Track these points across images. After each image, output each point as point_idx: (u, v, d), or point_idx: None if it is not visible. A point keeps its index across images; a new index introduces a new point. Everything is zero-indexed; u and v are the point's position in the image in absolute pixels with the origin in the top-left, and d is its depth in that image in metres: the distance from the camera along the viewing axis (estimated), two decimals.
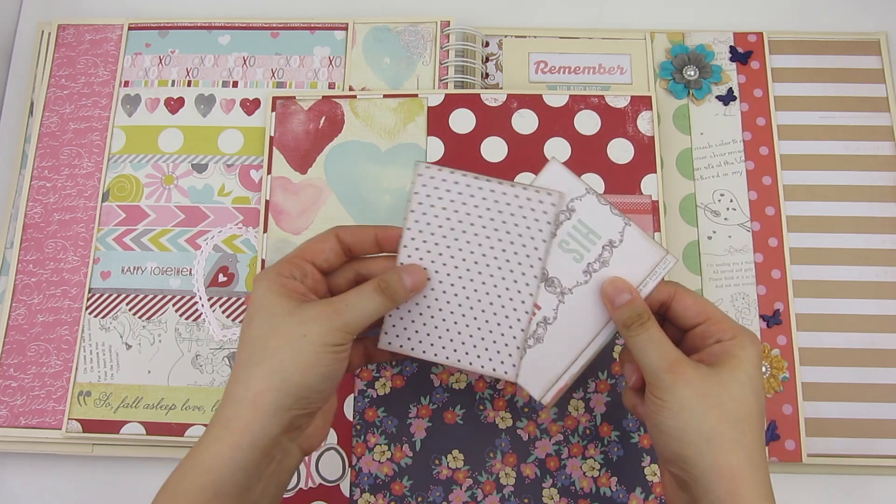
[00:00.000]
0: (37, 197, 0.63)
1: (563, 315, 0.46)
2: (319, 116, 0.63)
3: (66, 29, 0.68)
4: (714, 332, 0.44)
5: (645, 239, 0.45)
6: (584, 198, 0.45)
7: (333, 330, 0.41)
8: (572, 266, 0.45)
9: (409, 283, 0.45)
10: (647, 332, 0.43)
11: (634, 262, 0.45)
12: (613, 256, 0.45)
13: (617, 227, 0.45)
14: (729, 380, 0.41)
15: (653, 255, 0.45)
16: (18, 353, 0.60)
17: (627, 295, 0.44)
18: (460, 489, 0.56)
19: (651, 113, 0.62)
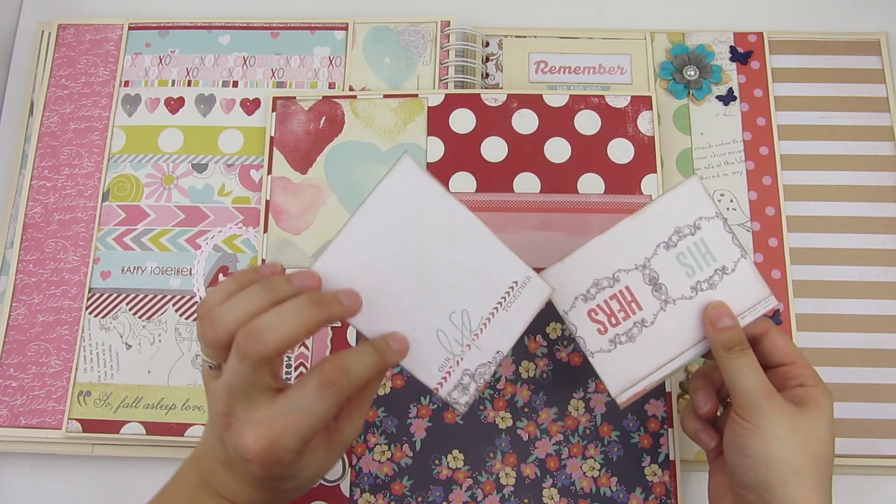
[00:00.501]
0: (37, 197, 0.63)
1: (661, 322, 0.47)
2: (320, 116, 0.63)
3: (66, 29, 0.68)
4: (798, 375, 0.46)
5: (755, 275, 0.47)
6: (711, 220, 0.46)
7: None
8: (683, 279, 0.46)
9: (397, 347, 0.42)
10: (746, 357, 0.45)
11: (740, 293, 0.47)
12: (722, 282, 0.47)
13: (734, 256, 0.47)
14: (815, 421, 0.43)
15: (758, 292, 0.47)
16: (18, 352, 0.60)
17: (730, 320, 0.45)
18: (460, 489, 0.56)
19: (651, 113, 0.62)
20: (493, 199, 0.61)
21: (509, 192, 0.61)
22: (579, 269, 0.47)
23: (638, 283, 0.47)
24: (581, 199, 0.61)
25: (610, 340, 0.47)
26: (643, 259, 0.47)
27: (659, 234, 0.47)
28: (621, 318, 0.47)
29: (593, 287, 0.47)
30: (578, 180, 0.61)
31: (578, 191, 0.61)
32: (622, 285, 0.47)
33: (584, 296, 0.47)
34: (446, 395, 0.44)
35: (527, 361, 0.58)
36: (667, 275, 0.47)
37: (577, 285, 0.47)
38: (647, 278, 0.47)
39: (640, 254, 0.47)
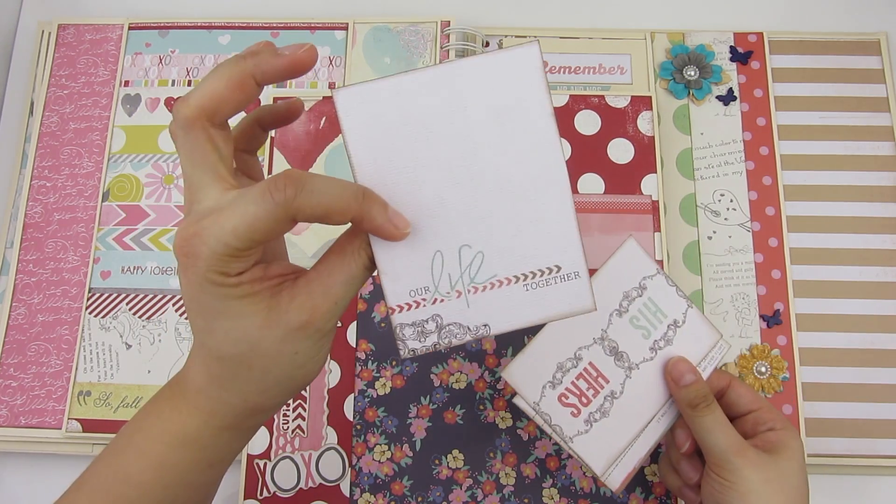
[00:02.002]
0: (37, 196, 0.63)
1: (630, 390, 0.47)
2: (320, 117, 0.63)
3: (66, 29, 0.68)
4: (766, 420, 0.47)
5: (704, 322, 0.48)
6: (654, 277, 0.47)
7: (323, 334, 0.34)
8: (640, 342, 0.47)
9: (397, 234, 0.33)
10: (712, 414, 0.46)
11: (694, 343, 0.48)
12: (677, 336, 0.48)
13: (681, 308, 0.48)
14: (787, 467, 0.45)
15: (709, 337, 0.48)
16: (18, 352, 0.60)
17: (692, 376, 0.46)
18: (460, 489, 0.56)
19: (651, 113, 0.62)
20: None
21: None
22: (541, 357, 0.47)
23: (600, 357, 0.47)
24: (581, 199, 0.61)
25: (585, 421, 0.47)
26: (600, 332, 0.47)
27: (610, 303, 0.47)
28: (591, 395, 0.47)
29: (558, 371, 0.47)
30: (579, 180, 0.61)
31: (579, 191, 0.61)
32: (585, 362, 0.47)
33: (552, 382, 0.47)
34: (398, 326, 0.34)
35: None
36: (625, 341, 0.47)
37: (542, 373, 0.47)
38: (607, 349, 0.47)
39: (596, 327, 0.47)
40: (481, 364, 0.58)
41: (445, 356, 0.58)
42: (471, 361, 0.58)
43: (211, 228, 0.30)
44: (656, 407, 0.48)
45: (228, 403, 0.35)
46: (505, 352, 0.58)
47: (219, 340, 0.33)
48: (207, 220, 0.30)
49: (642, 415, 0.47)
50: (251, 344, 0.32)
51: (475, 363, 0.58)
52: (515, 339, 0.58)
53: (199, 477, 0.37)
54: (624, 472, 0.47)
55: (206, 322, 0.33)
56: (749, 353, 0.59)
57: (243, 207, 0.30)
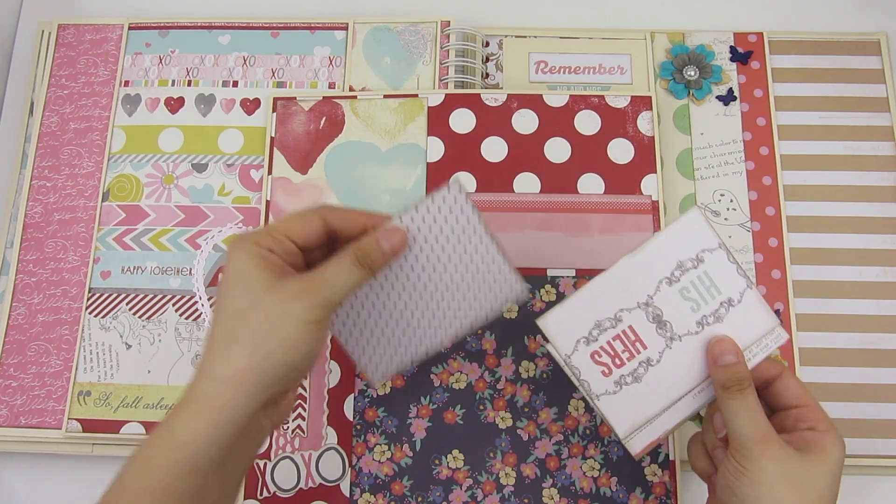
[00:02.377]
0: (37, 197, 0.63)
1: (667, 360, 0.46)
2: (320, 117, 0.63)
3: (66, 29, 0.68)
4: (809, 418, 0.45)
5: (762, 306, 0.46)
6: (714, 251, 0.45)
7: (314, 307, 0.40)
8: (688, 315, 0.45)
9: (387, 247, 0.43)
10: (744, 399, 0.43)
11: (747, 326, 0.45)
12: (728, 314, 0.45)
13: (739, 287, 0.45)
14: (814, 469, 0.42)
15: (766, 323, 0.46)
16: (18, 352, 0.60)
17: (733, 357, 0.44)
18: (460, 489, 0.56)
19: (651, 113, 0.62)
20: (493, 199, 0.61)
21: (509, 192, 0.61)
22: (580, 312, 0.46)
23: (641, 322, 0.45)
24: (581, 199, 0.61)
25: (615, 382, 0.46)
26: (645, 297, 0.45)
27: (661, 270, 0.45)
28: (626, 358, 0.46)
29: (595, 329, 0.46)
30: (578, 180, 0.61)
31: (578, 191, 0.61)
32: (625, 325, 0.45)
33: (587, 338, 0.46)
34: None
35: (527, 361, 0.58)
36: (671, 311, 0.45)
37: (578, 328, 0.46)
38: (650, 316, 0.45)
39: (642, 291, 0.45)
40: (481, 364, 0.58)
41: (445, 356, 0.58)
42: (471, 361, 0.58)
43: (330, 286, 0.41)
44: (694, 382, 0.46)
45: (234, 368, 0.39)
46: (505, 352, 0.58)
47: (230, 297, 0.40)
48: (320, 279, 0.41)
49: (677, 387, 0.46)
50: (253, 300, 0.39)
51: (475, 363, 0.58)
52: (515, 339, 0.58)
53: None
54: (647, 440, 0.46)
55: (226, 285, 0.40)
56: None
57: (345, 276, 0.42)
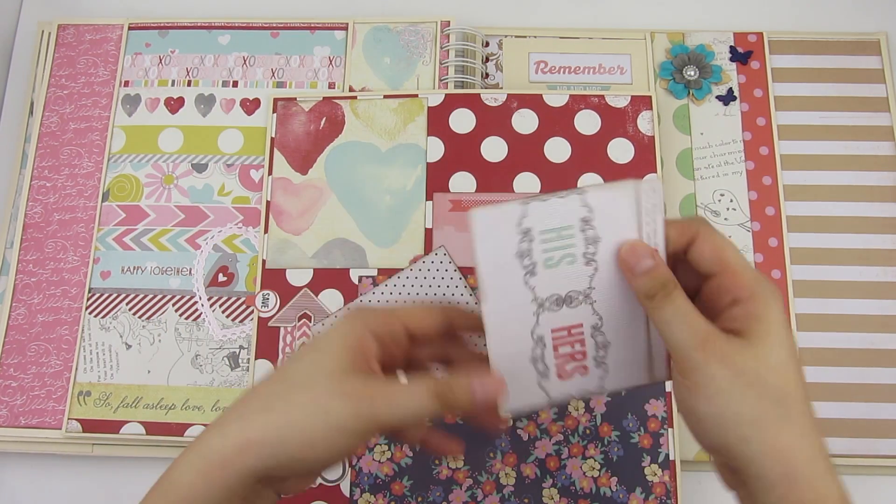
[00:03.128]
0: (37, 197, 0.63)
1: (605, 311, 0.40)
2: (320, 117, 0.63)
3: (66, 29, 0.68)
4: (728, 287, 0.37)
5: (608, 189, 0.38)
6: (528, 210, 0.39)
7: (358, 417, 0.36)
8: (572, 270, 0.40)
9: (479, 397, 0.37)
10: (672, 305, 0.37)
11: (619, 216, 0.39)
12: (598, 228, 0.39)
13: (575, 204, 0.38)
14: (762, 350, 0.35)
15: (626, 195, 0.38)
16: (18, 352, 0.60)
17: (649, 261, 0.37)
18: (460, 489, 0.56)
19: (651, 113, 0.62)
20: (494, 199, 0.61)
21: (509, 191, 0.61)
22: (512, 371, 0.41)
23: (553, 318, 0.40)
24: None
25: (596, 366, 0.41)
26: (531, 303, 0.40)
27: (512, 276, 0.39)
28: (580, 347, 0.41)
29: (536, 363, 0.41)
30: (579, 180, 0.61)
31: None
32: (548, 335, 0.41)
33: (541, 374, 0.41)
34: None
35: None
36: (561, 285, 0.40)
37: (526, 379, 0.41)
38: (553, 307, 0.40)
39: (524, 305, 0.40)
40: None
41: None
42: None
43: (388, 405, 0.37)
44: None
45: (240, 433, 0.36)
46: None
47: (297, 361, 0.38)
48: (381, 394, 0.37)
49: (637, 318, 0.41)
50: (309, 378, 0.37)
51: None
52: None
53: None
54: (663, 361, 0.42)
55: (305, 348, 0.39)
56: None
57: (410, 402, 0.37)
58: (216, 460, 0.36)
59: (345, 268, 0.60)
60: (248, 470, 0.36)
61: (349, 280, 0.60)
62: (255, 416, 0.36)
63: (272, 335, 0.59)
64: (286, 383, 0.37)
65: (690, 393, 0.36)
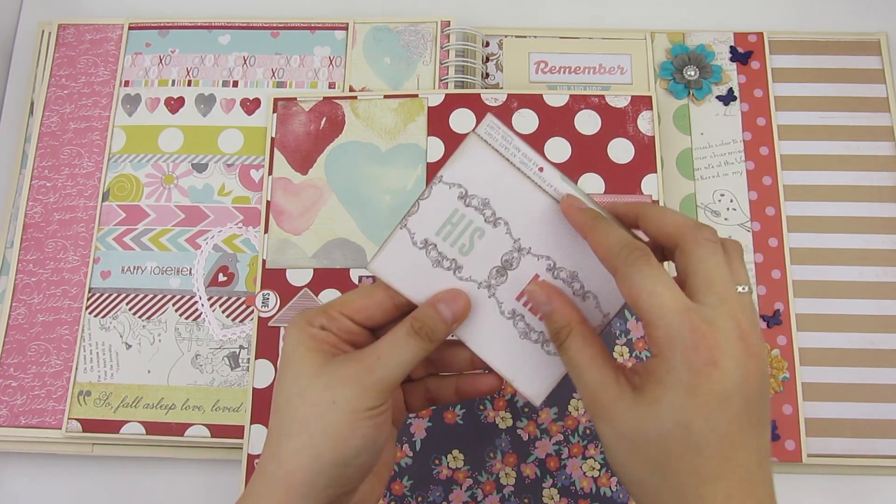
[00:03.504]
0: (37, 196, 0.63)
1: (546, 251, 0.39)
2: (320, 117, 0.63)
3: (66, 29, 0.68)
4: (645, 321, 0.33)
5: (457, 156, 0.37)
6: (410, 227, 0.38)
7: (366, 391, 0.35)
8: (489, 240, 0.39)
9: (448, 314, 0.37)
10: (566, 355, 0.35)
11: (484, 170, 0.38)
12: (478, 192, 0.38)
13: (442, 191, 0.38)
14: (647, 416, 0.32)
15: (473, 149, 0.37)
16: (18, 352, 0.60)
17: (547, 307, 0.36)
18: (460, 489, 0.56)
19: (651, 113, 0.62)
20: None
21: None
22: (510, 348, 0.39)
23: (507, 288, 0.39)
24: None
25: (583, 299, 0.39)
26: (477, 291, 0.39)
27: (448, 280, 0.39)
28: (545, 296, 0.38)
29: (530, 332, 0.39)
30: (579, 180, 0.61)
31: None
32: (515, 305, 0.39)
33: (541, 342, 0.40)
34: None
35: None
36: (489, 259, 0.39)
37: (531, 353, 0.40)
38: (499, 281, 0.39)
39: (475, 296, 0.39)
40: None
41: None
42: None
43: (383, 364, 0.36)
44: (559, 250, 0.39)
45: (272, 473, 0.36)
46: None
47: (280, 385, 0.37)
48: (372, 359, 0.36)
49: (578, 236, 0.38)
50: (300, 388, 0.36)
51: None
52: None
53: None
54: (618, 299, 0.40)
55: (279, 373, 0.37)
56: None
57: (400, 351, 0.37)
58: (281, 486, 0.35)
59: (345, 268, 0.60)
60: (305, 500, 0.35)
61: (349, 280, 0.60)
62: (282, 447, 0.36)
63: (272, 335, 0.59)
64: (286, 407, 0.36)
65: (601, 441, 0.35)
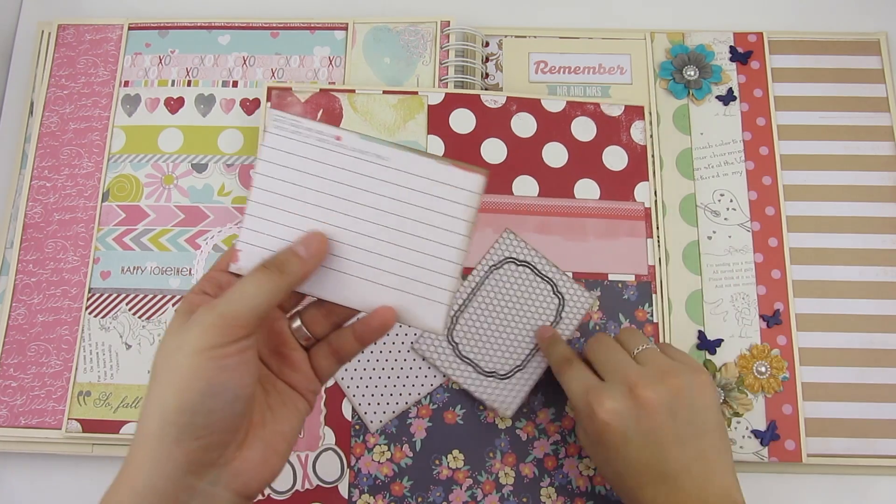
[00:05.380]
0: (37, 197, 0.63)
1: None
2: (317, 109, 0.63)
3: (66, 29, 0.68)
4: None
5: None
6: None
7: (207, 329, 0.33)
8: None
9: (304, 252, 0.37)
10: (563, 376, 0.51)
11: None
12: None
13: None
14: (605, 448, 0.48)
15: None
16: (18, 352, 0.60)
17: (548, 330, 0.49)
18: (460, 489, 0.56)
19: (644, 123, 0.63)
20: (494, 201, 0.61)
21: (508, 193, 0.61)
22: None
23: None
24: (578, 203, 0.61)
25: None
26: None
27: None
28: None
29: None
30: (575, 185, 0.61)
31: (575, 195, 0.61)
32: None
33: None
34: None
35: None
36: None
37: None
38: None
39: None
40: None
41: None
42: None
43: (229, 299, 0.34)
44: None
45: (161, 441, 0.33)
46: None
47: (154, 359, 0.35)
48: (219, 298, 0.35)
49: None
50: (166, 349, 0.34)
51: None
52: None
53: None
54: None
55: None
56: (749, 353, 0.59)
57: (250, 286, 0.35)
58: (132, 466, 0.34)
59: None
60: (161, 455, 0.33)
61: None
62: (145, 405, 0.34)
63: None
64: (153, 370, 0.35)
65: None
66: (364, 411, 0.56)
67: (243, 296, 0.34)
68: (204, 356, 0.33)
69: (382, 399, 0.56)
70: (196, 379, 0.32)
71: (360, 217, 0.38)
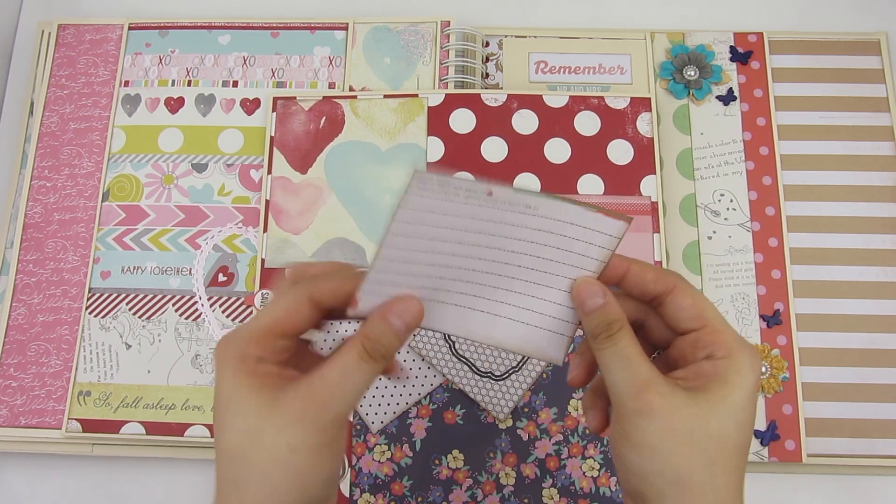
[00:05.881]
0: (37, 197, 0.63)
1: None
2: (320, 117, 0.63)
3: (66, 29, 0.68)
4: (707, 343, 0.36)
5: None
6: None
7: (324, 430, 0.33)
8: None
9: (400, 325, 0.35)
10: (614, 347, 0.35)
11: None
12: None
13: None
14: (709, 412, 0.34)
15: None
16: (18, 352, 0.60)
17: (599, 299, 0.36)
18: (460, 489, 0.56)
19: (650, 114, 0.62)
20: None
21: None
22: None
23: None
24: (581, 199, 0.61)
25: None
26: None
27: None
28: None
29: None
30: (578, 181, 0.61)
31: (579, 191, 0.61)
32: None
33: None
34: None
35: None
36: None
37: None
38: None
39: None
40: None
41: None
42: None
43: (336, 397, 0.33)
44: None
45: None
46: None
47: (226, 432, 0.33)
48: (324, 392, 0.33)
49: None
50: (252, 433, 0.33)
51: None
52: None
53: None
54: None
55: (220, 416, 0.34)
56: None
57: (352, 379, 0.34)
58: None
59: None
60: None
61: None
62: (244, 499, 0.33)
63: None
64: (237, 458, 0.34)
65: (620, 440, 0.35)
66: (365, 412, 0.56)
67: (352, 389, 0.34)
68: (324, 453, 0.33)
69: (383, 400, 0.57)
70: (318, 473, 0.33)
71: (496, 260, 0.37)
